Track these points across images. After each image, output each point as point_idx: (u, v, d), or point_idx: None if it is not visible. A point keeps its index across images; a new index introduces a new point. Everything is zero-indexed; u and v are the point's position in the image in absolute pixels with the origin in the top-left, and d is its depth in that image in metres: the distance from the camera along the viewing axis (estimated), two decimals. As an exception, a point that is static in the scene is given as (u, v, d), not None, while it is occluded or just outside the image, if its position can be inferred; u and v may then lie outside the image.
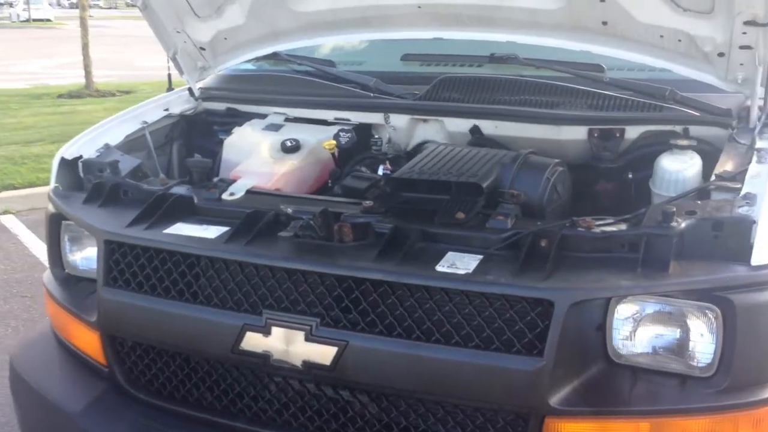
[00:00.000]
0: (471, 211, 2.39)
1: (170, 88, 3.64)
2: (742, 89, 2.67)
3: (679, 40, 2.65)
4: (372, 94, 3.12)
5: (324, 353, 2.26)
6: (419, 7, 2.92)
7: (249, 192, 2.72)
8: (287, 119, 3.23)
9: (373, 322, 2.24)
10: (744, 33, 2.48)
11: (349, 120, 3.13)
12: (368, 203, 2.51)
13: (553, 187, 2.51)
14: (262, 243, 2.45)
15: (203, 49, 3.43)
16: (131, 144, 3.23)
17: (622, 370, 2.14)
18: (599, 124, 2.77)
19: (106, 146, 3.13)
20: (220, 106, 3.49)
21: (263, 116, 3.29)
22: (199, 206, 2.69)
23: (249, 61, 3.51)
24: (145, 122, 3.35)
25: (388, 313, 2.22)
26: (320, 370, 2.28)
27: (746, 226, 2.11)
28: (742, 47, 2.53)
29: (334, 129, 3.10)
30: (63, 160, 3.04)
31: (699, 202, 2.26)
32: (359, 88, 3.19)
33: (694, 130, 2.71)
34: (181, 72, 3.51)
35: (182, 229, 2.59)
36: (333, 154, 3.04)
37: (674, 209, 2.15)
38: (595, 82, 2.90)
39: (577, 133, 2.80)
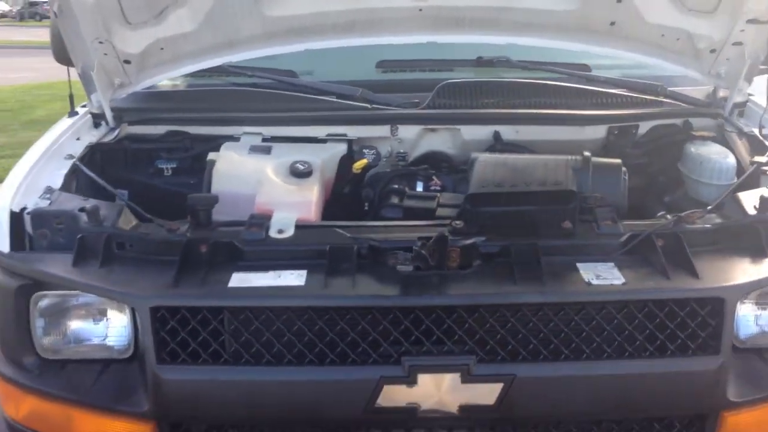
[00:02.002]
0: (573, 219, 2.33)
1: (73, 111, 2.96)
2: (721, 82, 2.94)
3: (678, 39, 2.83)
4: (370, 106, 2.85)
5: (487, 392, 2.06)
6: (420, 10, 2.73)
7: (297, 227, 2.34)
8: (265, 139, 2.82)
9: (536, 349, 2.09)
10: (742, 30, 2.73)
11: (345, 135, 2.82)
12: (458, 223, 2.31)
13: (627, 186, 2.54)
14: (369, 283, 2.14)
15: (128, 62, 2.84)
16: (71, 184, 2.59)
17: (750, 354, 2.24)
18: (619, 122, 2.86)
19: (49, 190, 2.47)
20: (156, 129, 2.92)
21: (229, 138, 2.82)
22: (247, 250, 2.26)
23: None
24: (71, 155, 2.70)
25: (552, 337, 2.09)
26: (482, 412, 2.08)
27: None
28: (735, 44, 2.78)
29: (333, 147, 2.79)
30: (14, 215, 2.34)
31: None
32: (342, 99, 2.89)
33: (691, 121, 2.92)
34: (91, 90, 2.87)
35: (249, 280, 2.16)
36: (345, 175, 2.74)
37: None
38: (590, 81, 2.97)
39: (599, 132, 2.86)
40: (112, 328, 2.26)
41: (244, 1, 2.69)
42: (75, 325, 2.28)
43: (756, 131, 2.77)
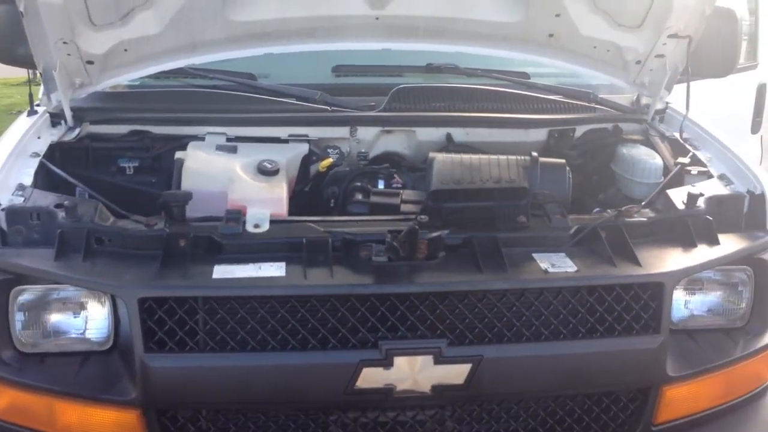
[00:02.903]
0: (527, 213, 2.55)
1: (33, 111, 2.98)
2: (645, 90, 3.23)
3: (608, 51, 3.10)
4: (330, 108, 3.00)
5: (457, 372, 2.25)
6: (377, 18, 2.90)
7: (272, 222, 2.47)
8: (229, 139, 2.92)
9: (500, 331, 2.29)
10: (664, 44, 3.03)
11: (306, 136, 2.96)
12: (424, 218, 2.49)
13: (571, 184, 2.78)
14: (346, 273, 2.30)
15: (91, 62, 2.89)
16: (43, 181, 2.63)
17: (681, 334, 2.52)
18: (558, 126, 3.10)
19: (21, 187, 2.51)
20: (118, 129, 2.98)
21: (193, 138, 2.91)
22: (225, 244, 2.37)
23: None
24: (36, 153, 2.73)
25: (514, 320, 2.30)
26: (453, 391, 2.26)
27: (741, 200, 2.65)
28: (657, 56, 3.08)
29: (295, 147, 2.92)
30: None
31: (694, 185, 2.73)
32: (301, 101, 3.03)
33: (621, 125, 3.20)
34: (50, 90, 2.91)
35: (231, 271, 2.28)
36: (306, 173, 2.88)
37: (698, 192, 2.60)
38: (530, 88, 3.21)
39: (540, 134, 3.10)
40: (92, 320, 2.33)
41: (210, 6, 2.78)
42: (54, 318, 2.34)
43: (677, 135, 3.07)
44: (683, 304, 2.53)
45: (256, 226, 2.44)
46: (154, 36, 2.85)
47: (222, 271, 2.28)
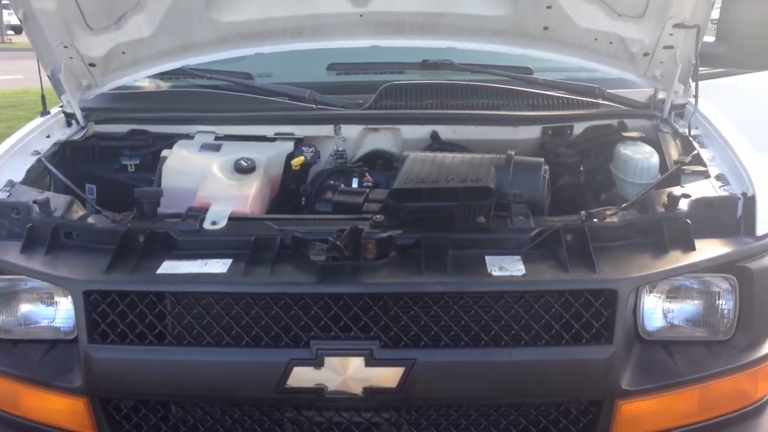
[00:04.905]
0: (488, 214, 2.45)
1: (46, 111, 3.17)
2: (658, 84, 3.03)
3: (611, 42, 2.93)
4: (315, 106, 3.02)
5: (389, 376, 2.20)
6: (361, 15, 2.88)
7: (231, 219, 2.51)
8: (217, 137, 3.00)
9: (437, 335, 2.22)
10: (671, 34, 2.83)
11: (293, 134, 2.99)
12: (379, 217, 2.45)
13: (547, 184, 2.66)
14: (287, 271, 2.30)
15: (93, 65, 3.04)
16: (34, 179, 2.79)
17: (656, 346, 2.34)
18: (552, 123, 2.97)
19: (10, 183, 2.68)
20: (119, 128, 3.12)
21: (185, 136, 3.01)
22: (181, 240, 2.43)
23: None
24: (37, 152, 2.90)
25: (452, 324, 2.22)
26: (385, 394, 2.22)
27: (734, 203, 2.43)
28: (665, 47, 2.88)
29: (279, 145, 2.95)
30: None
31: (683, 186, 2.54)
32: (292, 100, 3.06)
33: (628, 122, 3.02)
34: (60, 92, 3.08)
35: (177, 267, 2.33)
36: (290, 171, 2.90)
37: (680, 194, 2.41)
38: (530, 84, 3.09)
39: (533, 132, 2.98)
40: (60, 310, 2.45)
41: (194, 8, 2.86)
42: (25, 307, 2.47)
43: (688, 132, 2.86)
44: (661, 313, 2.36)
45: (213, 223, 2.48)
46: (147, 38, 2.96)
47: (168, 267, 2.33)
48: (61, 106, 3.24)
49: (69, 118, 3.18)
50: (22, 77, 17.56)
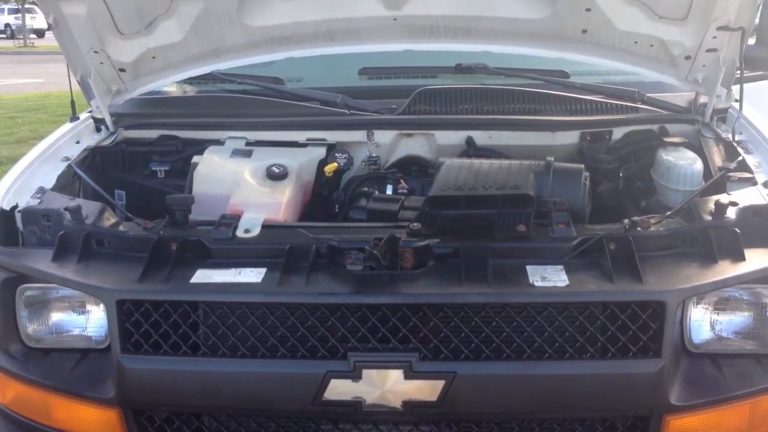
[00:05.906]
0: (528, 223, 2.39)
1: (75, 117, 3.14)
2: (700, 88, 2.95)
3: (651, 45, 2.85)
4: (348, 111, 2.97)
5: (429, 389, 2.14)
6: (395, 19, 2.83)
7: (264, 227, 2.46)
8: (248, 143, 2.95)
9: (478, 348, 2.16)
10: (714, 37, 2.75)
11: (325, 140, 2.94)
12: (416, 225, 2.39)
13: (588, 191, 2.59)
14: (323, 281, 2.24)
15: (123, 70, 3.01)
16: (65, 185, 2.76)
17: (704, 359, 2.26)
18: (591, 128, 2.90)
19: (41, 190, 2.64)
20: (149, 134, 3.09)
21: (215, 142, 2.97)
22: (214, 248, 2.38)
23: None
24: (67, 158, 2.87)
25: (493, 336, 2.16)
26: (425, 408, 2.16)
27: None
28: (708, 50, 2.80)
29: (311, 151, 2.90)
30: (5, 213, 2.52)
31: (730, 193, 2.46)
32: (324, 105, 3.01)
33: (668, 127, 2.94)
34: (90, 97, 3.05)
35: (210, 276, 2.28)
36: (322, 178, 2.85)
37: (727, 201, 2.33)
38: (566, 88, 3.02)
39: (571, 137, 2.91)
40: (91, 319, 2.41)
41: (225, 12, 2.82)
42: (56, 316, 2.44)
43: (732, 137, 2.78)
44: (709, 325, 2.28)
45: (247, 231, 2.43)
46: (178, 43, 2.93)
47: (201, 276, 2.28)
48: (90, 112, 3.21)
49: (98, 123, 3.15)
50: (44, 80, 17.76)
